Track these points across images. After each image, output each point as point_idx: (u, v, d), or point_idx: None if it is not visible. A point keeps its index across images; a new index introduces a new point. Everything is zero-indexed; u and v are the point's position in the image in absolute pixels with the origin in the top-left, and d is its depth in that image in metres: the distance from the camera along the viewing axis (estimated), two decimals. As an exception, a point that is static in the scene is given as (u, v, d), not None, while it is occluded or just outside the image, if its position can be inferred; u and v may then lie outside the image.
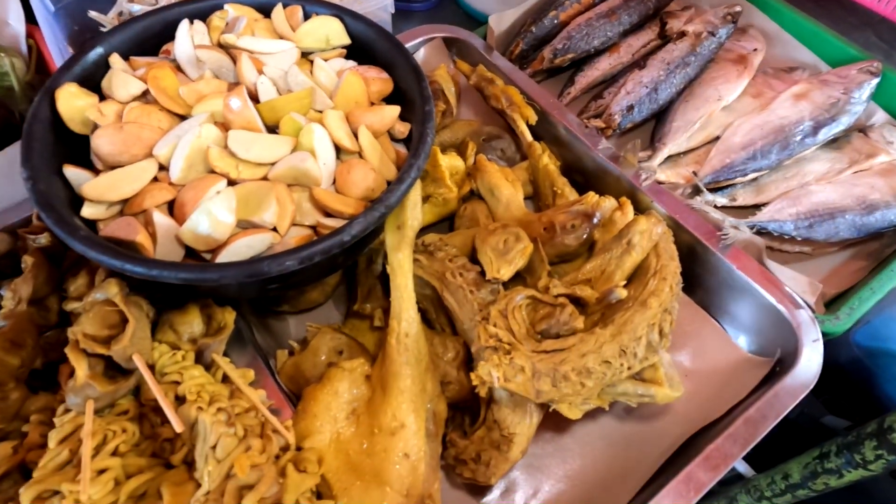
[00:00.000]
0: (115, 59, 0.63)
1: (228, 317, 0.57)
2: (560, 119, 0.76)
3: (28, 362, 0.56)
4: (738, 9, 0.85)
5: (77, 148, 0.59)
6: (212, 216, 0.51)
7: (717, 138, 0.80)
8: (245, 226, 0.54)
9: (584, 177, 0.75)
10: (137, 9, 0.82)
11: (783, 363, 0.60)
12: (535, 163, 0.73)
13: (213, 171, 0.55)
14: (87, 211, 0.55)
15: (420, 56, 0.86)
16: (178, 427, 0.44)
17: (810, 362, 0.58)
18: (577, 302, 0.56)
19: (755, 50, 0.86)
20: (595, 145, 0.73)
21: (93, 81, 0.61)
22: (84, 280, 0.60)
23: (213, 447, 0.44)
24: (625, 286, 0.56)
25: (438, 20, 1.04)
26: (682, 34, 0.84)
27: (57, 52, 0.78)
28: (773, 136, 0.76)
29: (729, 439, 0.54)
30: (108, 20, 0.85)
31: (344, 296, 0.70)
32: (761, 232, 0.71)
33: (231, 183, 0.55)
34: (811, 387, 0.57)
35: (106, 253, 0.48)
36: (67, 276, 0.61)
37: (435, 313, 0.63)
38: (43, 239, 0.62)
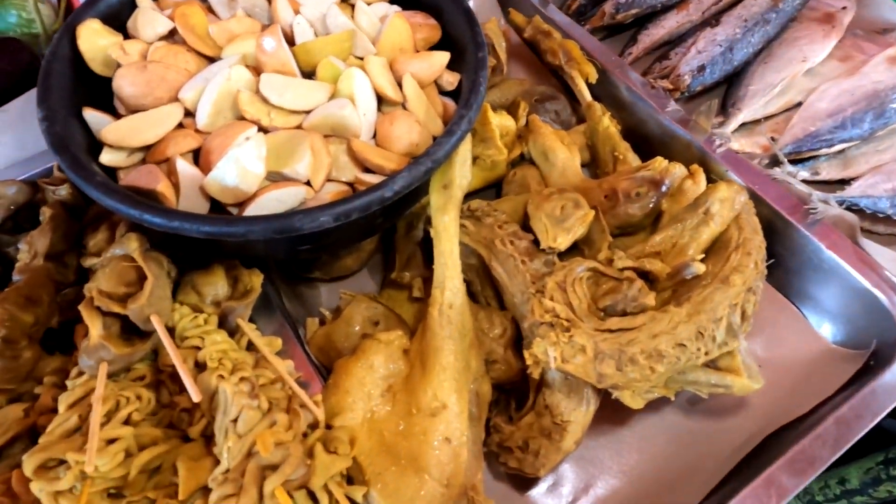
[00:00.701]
0: (143, -2, 0.58)
1: (255, 280, 0.52)
2: (622, 78, 0.69)
3: (43, 320, 0.52)
4: (826, -40, 0.76)
5: (99, 90, 0.54)
6: (239, 165, 0.46)
7: (799, 104, 0.71)
8: (276, 178, 0.48)
9: (649, 142, 0.68)
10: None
11: (878, 357, 0.52)
12: (594, 125, 0.66)
13: (242, 118, 0.50)
14: (107, 157, 0.50)
15: (469, 8, 0.79)
16: (195, 397, 0.40)
17: (913, 357, 0.50)
18: (646, 277, 0.49)
19: (844, 8, 0.77)
20: (662, 107, 0.66)
21: (119, 21, 0.57)
22: (104, 235, 0.55)
23: (234, 420, 0.39)
24: (701, 260, 0.49)
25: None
26: (762, -12, 0.75)
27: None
28: (867, 103, 0.67)
29: (818, 441, 0.47)
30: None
31: (380, 264, 0.64)
32: (851, 209, 0.63)
33: (262, 131, 0.50)
34: (914, 384, 0.49)
35: (124, 201, 0.43)
36: (88, 230, 0.57)
37: (480, 285, 0.57)
38: (63, 191, 0.58)
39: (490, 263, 0.53)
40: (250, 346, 0.49)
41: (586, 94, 0.67)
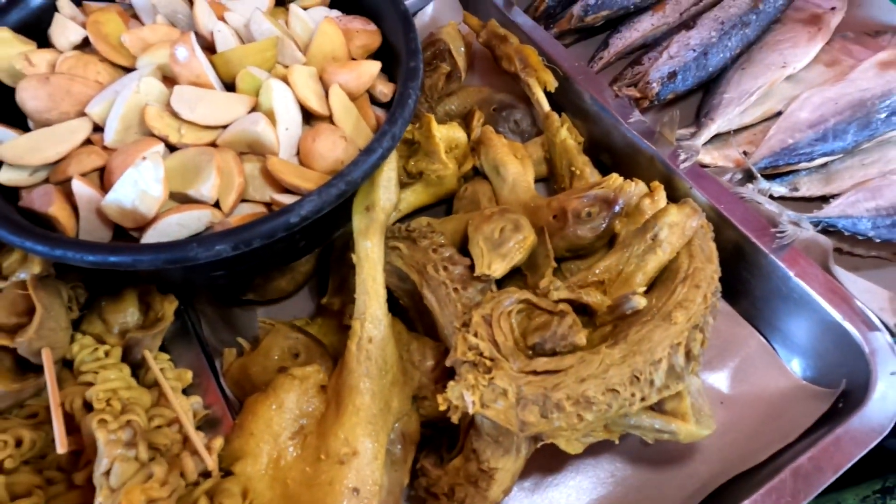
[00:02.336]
0: (63, 3, 0.54)
1: (168, 307, 0.48)
2: (585, 87, 0.64)
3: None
4: (813, -42, 0.71)
5: (11, 105, 0.51)
6: (137, 187, 0.42)
7: (779, 114, 0.66)
8: (181, 199, 0.45)
9: (612, 156, 0.63)
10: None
11: (849, 398, 0.47)
12: (551, 137, 0.61)
13: (151, 134, 0.46)
14: (5, 175, 0.47)
15: (429, 11, 0.75)
16: (60, 447, 0.36)
17: (885, 401, 0.45)
18: (584, 310, 0.45)
19: (833, 9, 0.71)
20: (625, 118, 0.61)
21: (39, 28, 0.53)
22: (18, 256, 0.52)
23: (107, 473, 0.36)
24: (645, 293, 0.44)
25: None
26: (742, -13, 0.70)
27: None
28: (851, 113, 0.62)
29: (770, 495, 0.42)
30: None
31: (318, 285, 0.60)
32: (829, 230, 0.58)
33: (171, 148, 0.46)
34: (885, 432, 0.44)
35: (4, 227, 0.40)
36: (4, 249, 0.54)
37: (417, 313, 0.53)
38: (-19, 207, 0.55)
39: (422, 290, 0.49)
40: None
41: (544, 104, 0.63)
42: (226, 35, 0.51)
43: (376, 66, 0.51)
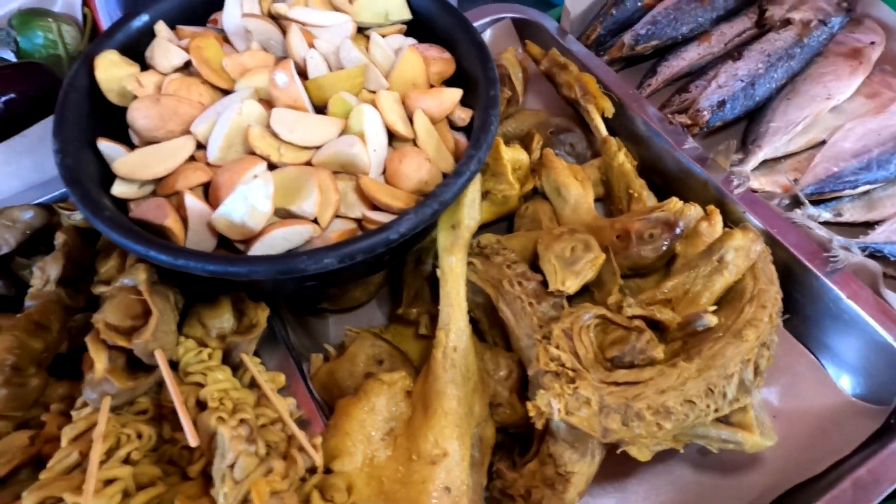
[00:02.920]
0: (161, 28, 0.58)
1: (262, 314, 0.52)
2: (639, 112, 0.67)
3: (52, 347, 0.53)
4: (854, -5, 0.74)
5: (116, 120, 0.55)
6: (247, 203, 0.46)
7: (823, 143, 0.69)
8: (283, 215, 0.48)
9: (664, 179, 0.67)
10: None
11: (900, 414, 0.50)
12: (609, 160, 0.65)
13: (253, 153, 0.50)
14: (118, 189, 0.50)
15: (486, 38, 0.79)
16: (192, 441, 0.39)
17: (937, 417, 0.48)
18: (655, 326, 0.48)
19: (872, 43, 0.75)
20: (679, 144, 0.64)
21: (137, 51, 0.57)
22: (115, 262, 0.56)
23: (231, 466, 0.39)
24: (714, 311, 0.47)
25: None
26: (787, 22, 0.73)
27: (108, 20, 0.74)
28: (894, 144, 0.65)
29: (832, 504, 0.45)
30: (162, -10, 0.81)
31: (389, 296, 0.64)
32: (874, 255, 0.61)
33: (272, 166, 0.50)
34: (937, 447, 0.47)
35: (130, 237, 0.44)
36: (100, 256, 0.58)
37: (488, 324, 0.56)
38: (78, 216, 0.59)
39: (497, 304, 0.52)
40: (253, 383, 0.49)
41: (602, 129, 0.66)
42: (317, 62, 0.55)
43: (458, 93, 0.55)
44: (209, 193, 0.49)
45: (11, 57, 0.82)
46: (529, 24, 0.78)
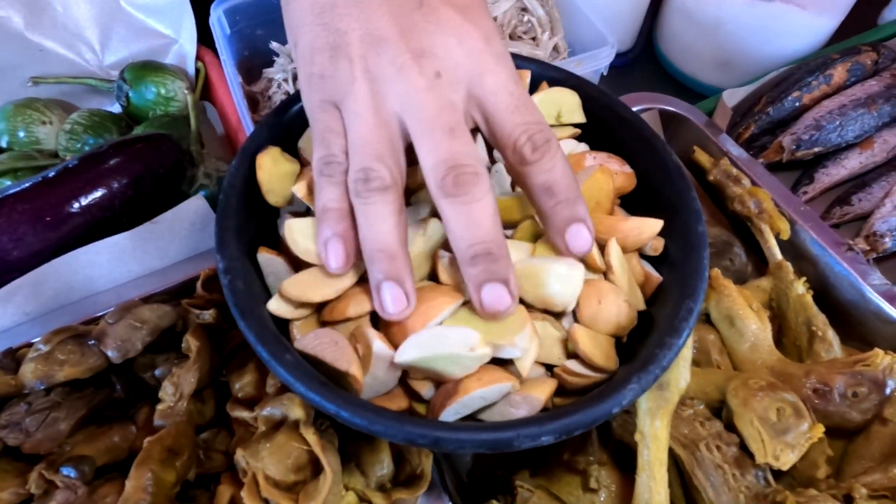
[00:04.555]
0: (317, 116, 0.53)
1: (426, 461, 0.46)
2: (810, 230, 0.61)
3: (182, 474, 0.47)
4: None
5: (267, 223, 0.50)
6: (444, 346, 0.40)
7: None
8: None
9: (837, 314, 0.60)
10: (321, 43, 0.73)
11: None
12: (784, 289, 0.59)
13: (438, 281, 0.44)
14: (275, 306, 0.44)
15: (631, 129, 0.73)
16: None
17: None
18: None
19: None
20: (864, 277, 0.58)
21: (287, 136, 0.52)
22: (252, 377, 0.50)
23: None
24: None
25: (635, 78, 0.91)
26: (967, 140, 0.67)
27: (232, 76, 0.69)
28: None
29: None
30: (285, 50, 0.77)
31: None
32: None
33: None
34: None
35: (319, 392, 0.38)
36: (232, 366, 0.52)
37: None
38: (208, 315, 0.53)
39: (692, 471, 0.46)
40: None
41: (776, 253, 0.60)
42: (503, 175, 0.49)
43: (658, 225, 0.49)
44: (384, 326, 0.43)
45: (115, 108, 0.77)
46: (678, 117, 0.72)
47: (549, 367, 0.44)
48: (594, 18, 0.73)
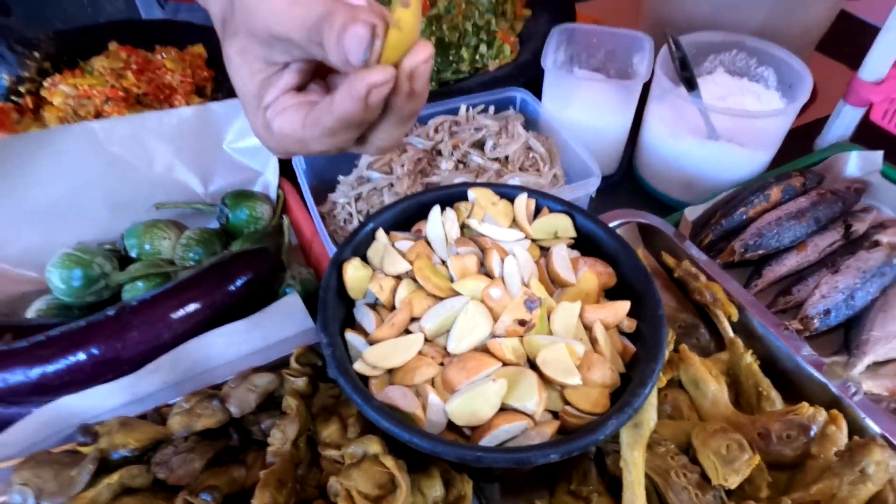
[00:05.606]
0: (381, 234, 0.74)
1: (467, 486, 0.62)
2: (756, 315, 0.80)
3: (288, 501, 0.63)
4: (931, 223, 0.88)
5: (347, 308, 0.69)
6: (482, 399, 0.58)
7: (920, 351, 0.80)
8: (505, 407, 0.60)
9: (780, 378, 0.77)
10: (376, 176, 0.97)
11: None
12: (736, 359, 0.77)
13: (481, 350, 0.63)
14: (360, 367, 0.63)
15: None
16: None
17: None
18: (812, 526, 0.57)
19: (950, 263, 0.87)
20: (797, 349, 0.76)
21: (361, 250, 0.73)
22: (336, 426, 0.68)
23: None
24: (863, 519, 0.56)
25: (620, 196, 1.13)
26: (876, 243, 0.87)
27: (310, 199, 0.91)
28: (984, 360, 0.76)
29: None
30: (347, 181, 1.00)
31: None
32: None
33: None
34: None
35: (398, 426, 0.55)
36: (318, 420, 0.70)
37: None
38: (301, 383, 0.71)
39: (665, 492, 0.62)
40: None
41: (728, 331, 0.78)
42: (514, 278, 0.69)
43: (627, 306, 0.68)
44: (444, 384, 0.61)
45: (214, 224, 0.99)
46: (651, 228, 0.93)
47: (555, 413, 0.62)
48: (583, 153, 0.96)
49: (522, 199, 0.77)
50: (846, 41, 1.32)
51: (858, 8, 1.53)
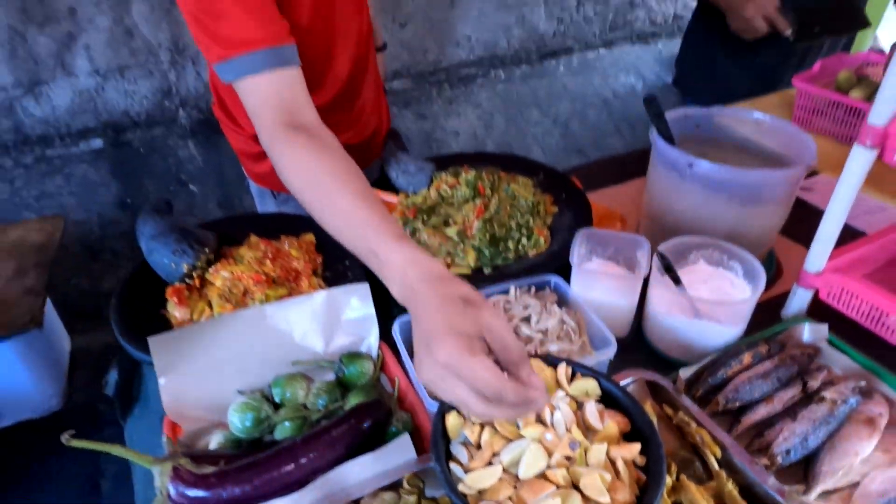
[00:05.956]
0: (466, 392, 1.08)
1: (535, 575, 0.91)
2: (735, 454, 1.10)
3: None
4: (863, 383, 1.21)
5: (447, 446, 1.02)
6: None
7: (858, 483, 1.09)
8: (558, 518, 0.91)
9: (754, 500, 1.06)
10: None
11: None
12: (721, 487, 1.06)
13: (541, 477, 0.95)
14: (463, 487, 0.95)
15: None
16: None
17: None
18: None
19: (880, 414, 1.18)
20: (764, 480, 1.06)
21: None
22: (439, 532, 0.98)
23: None
24: None
25: (631, 356, 1.48)
26: (822, 399, 1.19)
27: (408, 364, 1.27)
28: (905, 491, 1.05)
29: None
30: (430, 345, 1.36)
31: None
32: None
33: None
34: None
35: (493, 528, 0.86)
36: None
37: None
38: (412, 499, 1.03)
39: (671, 582, 0.90)
40: None
41: (715, 465, 1.09)
42: (560, 428, 1.02)
43: (638, 446, 1.00)
44: (517, 499, 0.93)
45: (331, 376, 1.35)
46: (656, 383, 1.26)
47: (593, 523, 0.92)
48: (602, 328, 1.32)
49: (563, 367, 1.12)
50: (803, 227, 1.71)
51: (815, 197, 1.95)
